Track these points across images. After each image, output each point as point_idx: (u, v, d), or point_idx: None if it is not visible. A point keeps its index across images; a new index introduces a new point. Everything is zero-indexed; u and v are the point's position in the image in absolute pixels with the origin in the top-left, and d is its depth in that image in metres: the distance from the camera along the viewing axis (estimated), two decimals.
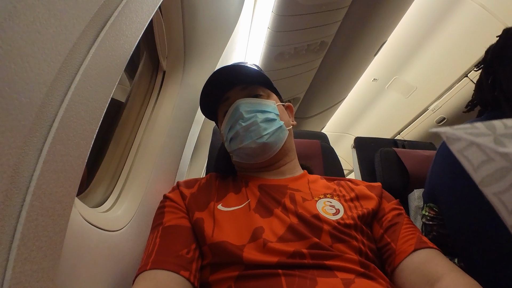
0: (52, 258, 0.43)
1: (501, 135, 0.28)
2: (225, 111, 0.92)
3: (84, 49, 0.48)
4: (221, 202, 0.81)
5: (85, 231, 0.62)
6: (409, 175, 1.40)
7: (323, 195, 0.83)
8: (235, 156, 0.92)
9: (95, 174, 0.94)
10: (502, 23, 2.04)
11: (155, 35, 1.13)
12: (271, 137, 0.85)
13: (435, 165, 0.99)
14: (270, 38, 1.95)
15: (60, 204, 0.45)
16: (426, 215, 1.02)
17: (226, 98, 0.93)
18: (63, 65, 0.44)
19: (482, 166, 0.29)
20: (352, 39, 2.29)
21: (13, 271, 0.36)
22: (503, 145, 0.27)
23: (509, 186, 0.28)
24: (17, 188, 0.38)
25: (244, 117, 0.85)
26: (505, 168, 0.27)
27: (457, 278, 0.62)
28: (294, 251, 0.66)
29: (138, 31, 0.63)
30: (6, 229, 0.36)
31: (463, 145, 0.30)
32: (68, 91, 0.45)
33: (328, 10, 1.84)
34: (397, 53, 2.86)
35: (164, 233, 0.73)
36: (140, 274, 0.65)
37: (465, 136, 0.29)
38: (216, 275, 0.68)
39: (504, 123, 0.29)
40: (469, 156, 0.30)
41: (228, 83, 0.92)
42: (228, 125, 0.89)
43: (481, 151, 0.29)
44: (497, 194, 0.29)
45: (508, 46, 0.91)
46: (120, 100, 1.10)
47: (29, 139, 0.39)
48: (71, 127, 0.46)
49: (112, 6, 0.54)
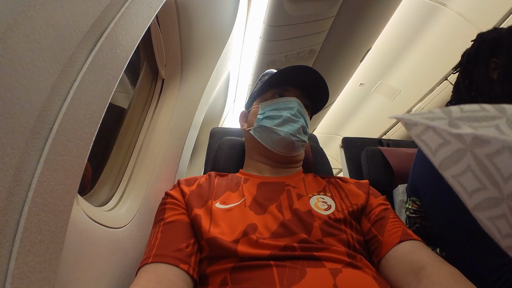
0: (54, 251, 0.44)
1: (456, 118, 0.27)
2: (277, 93, 0.96)
3: (82, 57, 0.49)
4: (218, 200, 0.81)
5: (90, 228, 0.62)
6: (394, 172, 1.40)
7: (317, 192, 0.84)
8: (259, 133, 0.94)
9: (100, 175, 0.94)
10: (478, 29, 2.05)
11: (154, 45, 1.13)
12: (299, 142, 0.89)
13: (416, 161, 0.99)
14: (262, 47, 1.95)
15: (61, 201, 0.45)
16: (409, 208, 1.02)
17: (286, 89, 0.96)
18: (62, 72, 0.44)
19: (439, 149, 0.28)
20: (339, 47, 2.29)
21: (16, 262, 0.36)
22: (457, 127, 0.26)
23: (466, 168, 0.27)
24: (20, 185, 0.38)
25: (295, 113, 0.90)
26: (460, 150, 0.26)
27: (439, 267, 0.63)
28: (285, 245, 0.67)
29: (134, 42, 0.63)
30: (9, 223, 0.37)
31: (420, 129, 0.29)
32: (67, 97, 0.45)
33: (315, 20, 1.85)
34: (381, 59, 2.87)
35: (165, 229, 0.73)
36: (143, 267, 0.65)
37: (421, 120, 0.28)
38: (212, 267, 0.68)
39: (461, 108, 0.28)
40: (426, 140, 0.29)
41: (300, 84, 0.96)
42: (275, 105, 0.93)
43: (437, 134, 0.28)
44: (456, 177, 0.28)
45: (482, 49, 0.93)
46: (122, 106, 1.11)
47: (30, 140, 0.39)
48: (71, 129, 0.46)
49: (108, 17, 0.54)
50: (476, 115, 0.27)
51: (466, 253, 0.79)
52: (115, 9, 0.56)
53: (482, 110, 0.27)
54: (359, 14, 1.99)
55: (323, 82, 0.95)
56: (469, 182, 0.27)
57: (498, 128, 0.25)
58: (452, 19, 2.20)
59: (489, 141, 0.24)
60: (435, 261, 0.65)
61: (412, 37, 2.53)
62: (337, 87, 3.04)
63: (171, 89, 1.24)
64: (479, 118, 0.26)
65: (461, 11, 2.13)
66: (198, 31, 1.20)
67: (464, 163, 0.27)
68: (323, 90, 0.97)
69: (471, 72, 0.94)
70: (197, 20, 1.15)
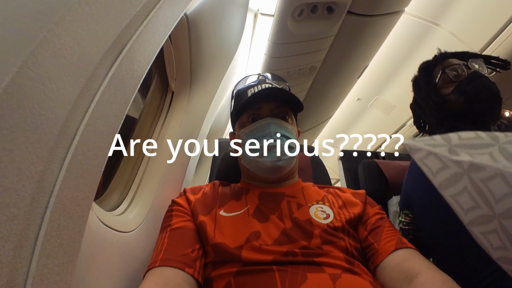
0: (71, 254, 0.44)
1: (455, 146, 0.29)
2: (252, 117, 0.88)
3: (103, 72, 0.50)
4: (222, 208, 0.81)
5: (101, 231, 0.62)
6: (389, 183, 1.40)
7: (316, 201, 0.84)
8: (247, 163, 0.89)
9: (111, 181, 0.95)
10: (469, 48, 2.06)
11: (165, 60, 1.14)
12: (286, 162, 0.83)
13: (408, 176, 1.01)
14: (266, 63, 1.97)
15: (79, 207, 0.45)
16: (402, 220, 1.03)
17: (259, 107, 0.87)
18: (85, 86, 0.45)
19: (439, 172, 0.30)
20: (338, 64, 2.31)
21: (37, 264, 0.37)
22: (456, 154, 0.28)
23: (463, 189, 0.29)
24: (42, 192, 0.38)
25: (272, 137, 0.82)
26: (458, 173, 0.28)
27: (433, 274, 0.63)
28: (287, 250, 0.67)
29: (150, 57, 0.65)
30: (32, 228, 0.37)
31: (423, 154, 0.31)
32: (88, 108, 0.46)
33: (316, 38, 1.87)
34: (378, 75, 2.89)
35: (171, 234, 0.74)
36: (150, 270, 0.65)
37: (424, 147, 0.30)
38: (217, 271, 0.69)
39: (459, 135, 0.30)
40: (428, 164, 0.30)
41: (267, 96, 0.87)
42: (253, 134, 0.85)
43: (438, 159, 0.29)
44: (453, 196, 0.30)
45: (419, 77, 1.06)
46: (134, 116, 1.12)
47: (54, 150, 0.40)
48: (91, 139, 0.47)
49: (128, 35, 0.55)
50: (473, 143, 0.29)
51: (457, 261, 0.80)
52: (134, 27, 0.57)
53: (477, 137, 0.29)
54: (357, 33, 2.02)
55: (287, 94, 0.88)
56: (465, 201, 0.29)
57: (492, 156, 0.27)
58: (444, 38, 2.22)
59: (484, 167, 0.26)
60: (429, 268, 0.65)
61: (407, 55, 2.55)
62: (336, 102, 3.06)
63: (180, 101, 1.25)
64: (475, 145, 0.28)
65: (453, 31, 2.15)
66: (207, 47, 1.22)
67: (461, 185, 0.29)
68: (292, 98, 0.88)
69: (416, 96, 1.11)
70: (207, 37, 1.17)
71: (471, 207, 0.29)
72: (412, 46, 2.47)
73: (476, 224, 0.29)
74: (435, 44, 2.30)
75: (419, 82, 1.06)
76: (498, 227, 0.27)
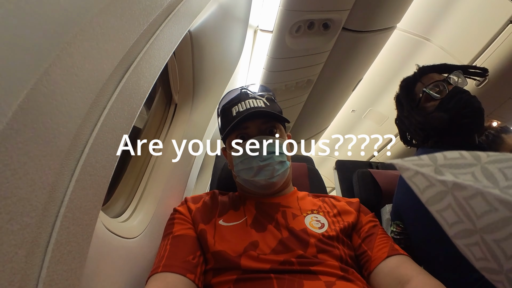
0: (79, 260, 0.44)
1: (441, 165, 0.31)
2: (240, 136, 0.86)
3: (112, 88, 0.51)
4: (222, 218, 0.81)
5: (106, 238, 0.63)
6: (382, 192, 1.41)
7: (311, 211, 0.84)
8: (242, 181, 0.87)
9: (115, 189, 0.95)
10: (458, 61, 2.09)
11: (169, 73, 1.16)
12: (279, 176, 0.82)
13: (398, 190, 1.01)
14: (265, 77, 1.99)
15: (87, 215, 0.46)
16: (394, 230, 1.03)
17: (246, 126, 0.85)
18: (95, 101, 0.46)
19: (426, 190, 0.31)
20: (334, 77, 2.34)
21: (47, 270, 0.37)
22: (441, 174, 0.30)
23: (448, 205, 0.30)
24: (53, 202, 0.39)
25: (262, 156, 0.80)
26: (443, 191, 0.30)
27: (424, 280, 0.64)
28: (284, 259, 0.68)
29: (155, 73, 0.66)
30: (43, 235, 0.38)
31: (411, 173, 0.32)
32: (97, 122, 0.47)
33: (313, 53, 1.89)
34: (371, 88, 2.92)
35: (173, 241, 0.74)
36: (152, 275, 0.66)
37: (412, 166, 0.32)
38: (217, 278, 0.69)
39: (444, 155, 0.31)
40: (416, 182, 0.32)
41: (252, 115, 0.83)
42: (243, 156, 0.82)
43: (425, 178, 0.31)
44: (439, 211, 0.31)
45: (401, 95, 1.07)
46: (138, 126, 1.13)
47: (64, 162, 0.41)
48: (99, 152, 0.48)
49: (135, 52, 0.57)
50: (457, 162, 0.30)
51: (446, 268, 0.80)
52: (141, 44, 0.58)
53: (461, 157, 0.31)
54: (352, 48, 2.05)
55: (270, 115, 0.85)
56: (450, 216, 0.31)
57: (474, 175, 0.29)
58: (435, 52, 2.26)
59: (466, 187, 0.27)
60: (420, 274, 0.66)
61: (399, 68, 2.58)
62: (331, 113, 3.08)
63: (183, 113, 1.26)
64: (459, 165, 0.30)
65: (443, 45, 2.19)
66: (209, 61, 1.23)
67: (446, 202, 0.30)
68: (276, 116, 0.85)
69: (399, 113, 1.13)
70: (209, 52, 1.19)
71: (455, 222, 0.30)
72: (404, 60, 2.50)
73: (460, 237, 0.31)
74: (426, 57, 2.34)
75: (401, 100, 1.06)
76: (479, 240, 0.29)
